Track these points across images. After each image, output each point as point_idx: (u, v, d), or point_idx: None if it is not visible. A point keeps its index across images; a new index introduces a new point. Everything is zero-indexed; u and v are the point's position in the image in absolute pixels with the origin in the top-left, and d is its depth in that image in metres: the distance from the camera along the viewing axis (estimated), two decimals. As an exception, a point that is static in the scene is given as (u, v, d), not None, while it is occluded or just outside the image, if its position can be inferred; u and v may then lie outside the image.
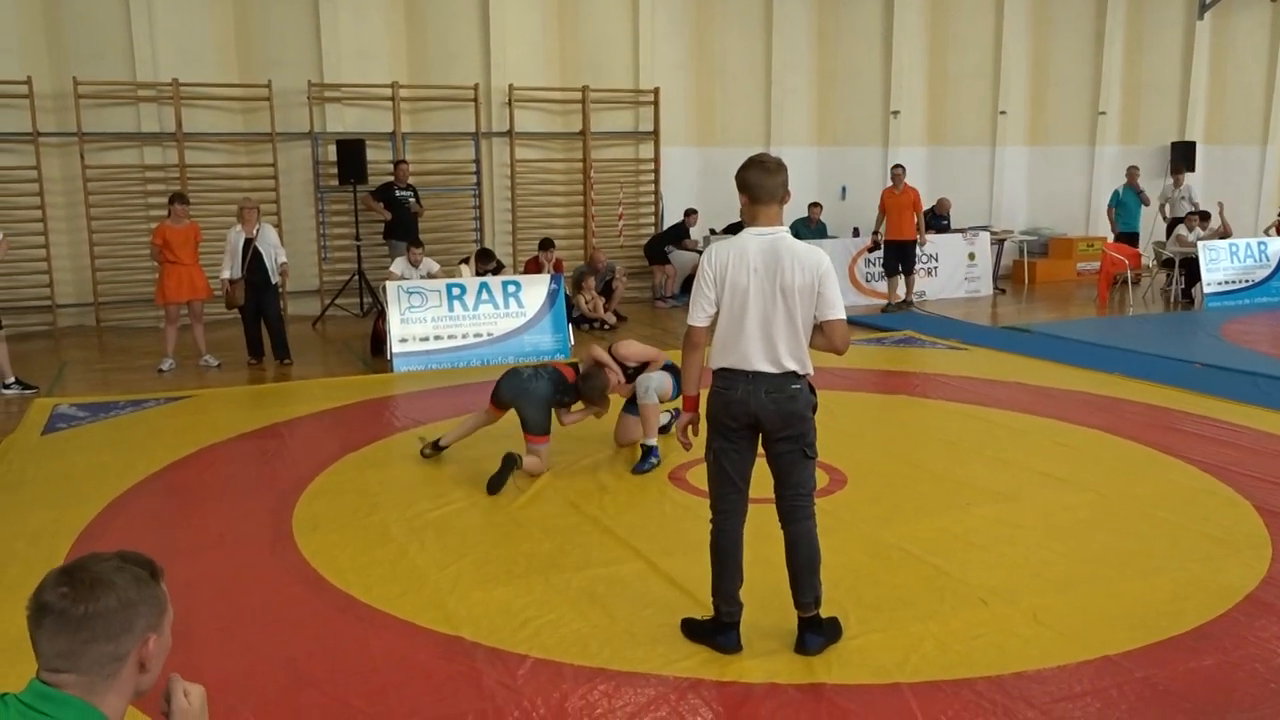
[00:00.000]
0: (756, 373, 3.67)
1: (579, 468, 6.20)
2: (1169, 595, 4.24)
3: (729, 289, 3.66)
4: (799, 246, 3.72)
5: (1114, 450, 6.49)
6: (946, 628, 3.94)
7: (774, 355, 3.66)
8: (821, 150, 15.79)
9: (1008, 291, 14.89)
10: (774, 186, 3.69)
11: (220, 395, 8.46)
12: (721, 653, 3.79)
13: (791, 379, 3.69)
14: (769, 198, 3.69)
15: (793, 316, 3.65)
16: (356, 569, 4.63)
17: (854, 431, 7.00)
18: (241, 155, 12.57)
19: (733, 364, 3.70)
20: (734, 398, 3.69)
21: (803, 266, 3.65)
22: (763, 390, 3.67)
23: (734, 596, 3.85)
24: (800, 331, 3.69)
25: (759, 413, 3.68)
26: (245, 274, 9.43)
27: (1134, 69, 17.53)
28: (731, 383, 3.70)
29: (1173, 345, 10.17)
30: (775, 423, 3.70)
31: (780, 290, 3.63)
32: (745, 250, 3.67)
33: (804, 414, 3.74)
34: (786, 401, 3.69)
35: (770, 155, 3.83)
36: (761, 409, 3.68)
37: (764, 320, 3.65)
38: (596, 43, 13.78)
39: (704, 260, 3.77)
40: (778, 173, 3.71)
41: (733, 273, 3.65)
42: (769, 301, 3.64)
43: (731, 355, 3.70)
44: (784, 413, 3.69)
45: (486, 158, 13.43)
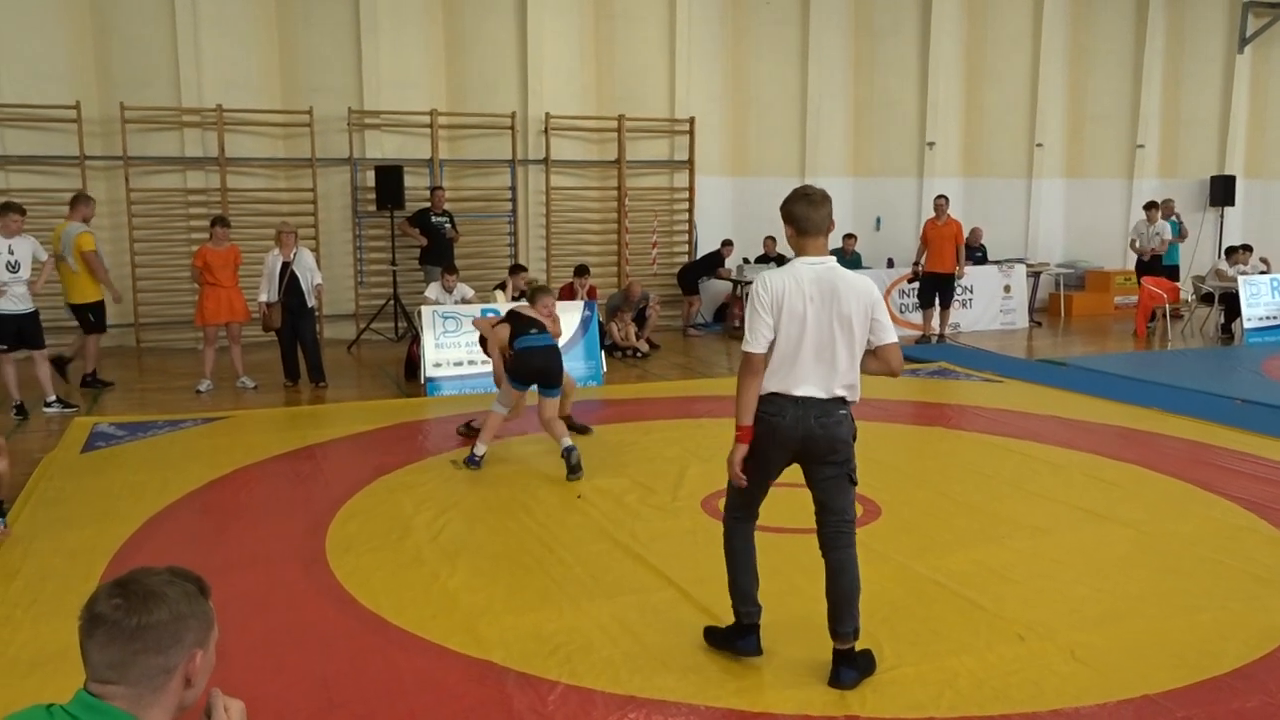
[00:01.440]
0: (807, 398, 3.71)
1: (610, 494, 6.19)
2: (1210, 634, 4.16)
3: (786, 316, 3.69)
4: (851, 275, 3.81)
5: (1153, 486, 6.39)
6: (982, 662, 3.88)
7: (828, 382, 3.72)
8: (856, 181, 15.78)
9: (1044, 324, 14.77)
10: (820, 219, 3.79)
11: (256, 417, 8.54)
12: (743, 655, 3.89)
13: (840, 404, 3.75)
14: (816, 230, 3.79)
15: (851, 344, 3.72)
16: (389, 591, 4.65)
17: (888, 463, 6.95)
18: (281, 180, 12.76)
19: (783, 389, 3.72)
20: (783, 423, 3.72)
21: (857, 295, 3.73)
22: (812, 416, 3.71)
23: (752, 597, 3.96)
24: (855, 359, 3.76)
25: (807, 438, 3.72)
26: (282, 297, 9.55)
27: (1173, 102, 17.41)
28: (781, 408, 3.72)
29: (1212, 380, 10.03)
30: (823, 448, 3.74)
31: (837, 318, 3.69)
32: (801, 279, 3.73)
33: (849, 439, 3.79)
34: (834, 426, 3.73)
35: (815, 187, 3.90)
36: (809, 434, 3.72)
37: (820, 347, 3.69)
38: (633, 72, 13.89)
39: (758, 287, 3.79)
40: (823, 205, 3.81)
41: (790, 300, 3.70)
42: (825, 330, 3.69)
43: (784, 381, 3.72)
44: (831, 437, 3.73)
45: (522, 185, 13.55)
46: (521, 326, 6.99)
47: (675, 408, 8.90)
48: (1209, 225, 17.27)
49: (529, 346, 6.87)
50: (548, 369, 6.85)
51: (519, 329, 6.98)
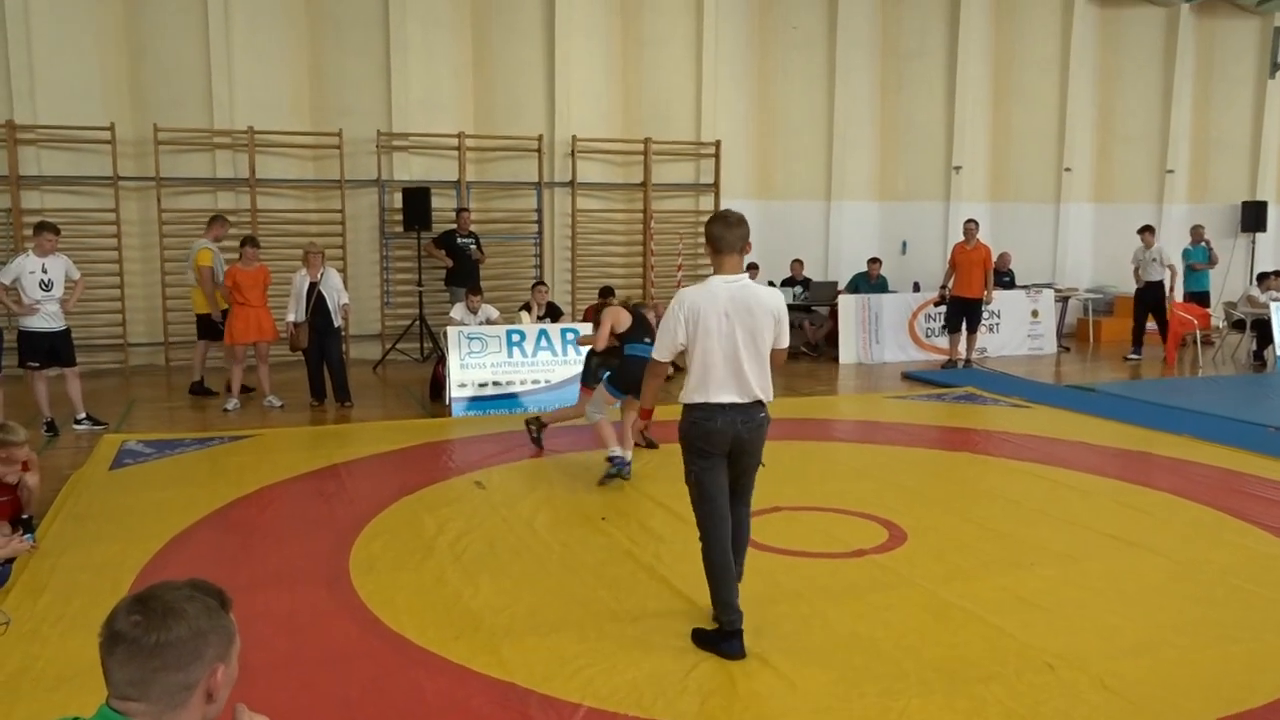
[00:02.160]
0: (732, 404, 4.15)
1: (634, 515, 6.17)
2: (1244, 666, 4.08)
3: (701, 330, 4.12)
4: (762, 291, 4.27)
5: (1184, 514, 6.30)
6: (1011, 691, 3.82)
7: (746, 388, 4.15)
8: (883, 205, 15.76)
9: (1072, 350, 14.64)
10: (734, 239, 4.18)
11: (282, 435, 8.59)
12: (727, 658, 4.09)
13: (760, 407, 4.21)
14: (729, 248, 4.18)
15: (760, 353, 4.17)
16: (411, 611, 4.64)
17: (915, 488, 6.89)
18: (310, 201, 12.89)
19: (710, 398, 4.15)
20: (714, 428, 4.15)
21: (767, 310, 4.18)
22: (738, 420, 4.16)
23: (733, 605, 4.19)
24: (765, 366, 4.20)
25: (736, 439, 4.17)
26: (309, 317, 9.62)
27: (1203, 126, 17.29)
28: (710, 414, 4.15)
29: (1244, 407, 9.89)
30: (749, 445, 4.22)
31: (750, 331, 4.12)
32: (717, 296, 4.14)
33: (764, 438, 4.29)
34: (756, 428, 4.22)
35: (734, 211, 4.31)
36: (738, 436, 4.17)
37: (733, 358, 4.12)
38: (659, 95, 13.96)
39: (675, 303, 4.23)
40: (738, 226, 4.21)
41: (704, 317, 4.12)
42: (737, 342, 4.11)
43: (709, 391, 4.16)
44: (755, 437, 4.23)
45: (548, 207, 13.62)
46: (637, 331, 6.80)
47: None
48: (1240, 251, 17.08)
49: (638, 355, 6.66)
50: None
51: (634, 333, 6.81)
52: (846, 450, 8.05)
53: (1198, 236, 14.61)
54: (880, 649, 4.22)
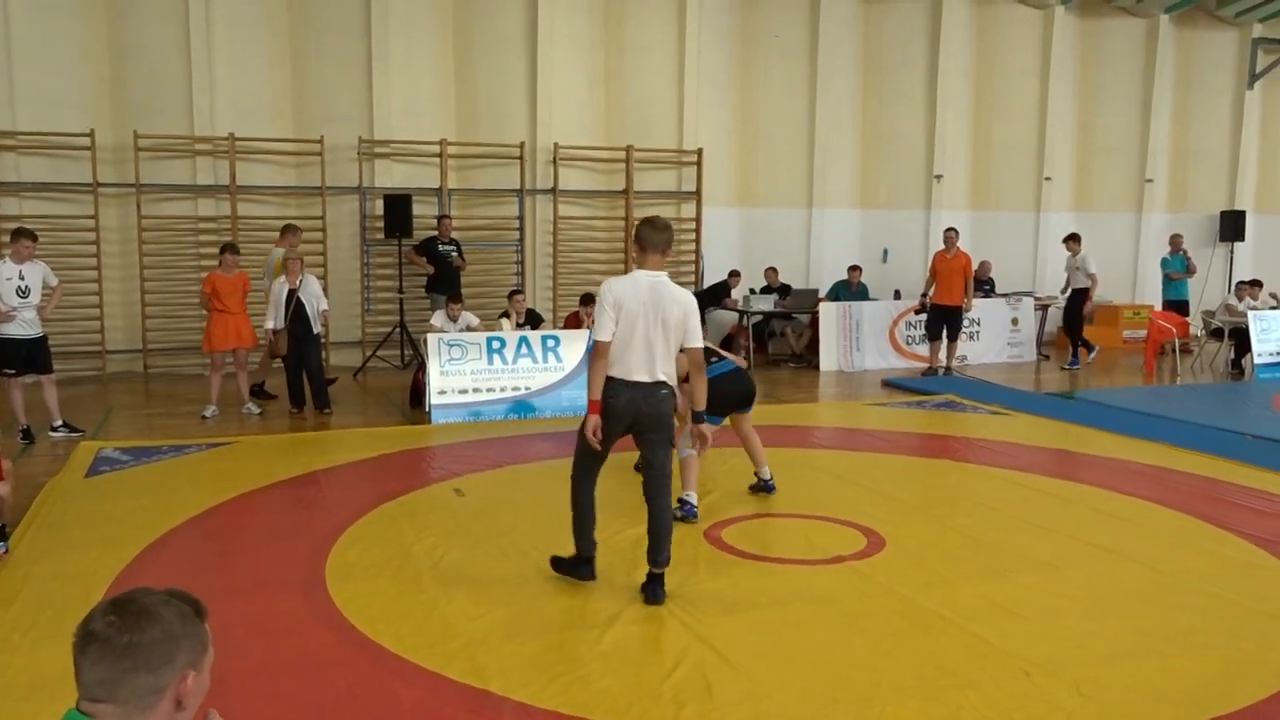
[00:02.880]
0: (637, 382, 4.71)
1: (612, 524, 6.15)
2: (1221, 673, 4.10)
3: (624, 314, 4.68)
4: (675, 288, 4.82)
5: (1162, 521, 6.33)
6: (987, 698, 3.82)
7: (651, 369, 4.72)
8: (864, 213, 15.83)
9: (1051, 358, 14.72)
10: (659, 240, 4.83)
11: (260, 443, 8.53)
12: (580, 580, 4.98)
13: (661, 386, 4.76)
14: (654, 248, 4.82)
15: (667, 340, 4.74)
16: (388, 619, 4.61)
17: (894, 495, 6.90)
18: (292, 208, 12.83)
19: (619, 375, 4.72)
20: (619, 402, 4.72)
21: (677, 304, 4.76)
22: (641, 396, 4.72)
23: (589, 536, 5.03)
24: (671, 353, 4.78)
25: (637, 413, 4.74)
26: (288, 324, 9.57)
27: (1182, 137, 17.44)
28: (617, 390, 4.71)
29: (1222, 416, 9.95)
30: (649, 421, 4.78)
31: (662, 321, 4.69)
32: (639, 286, 4.74)
33: (669, 413, 4.81)
34: (658, 404, 4.77)
35: (661, 218, 4.96)
36: (639, 410, 4.74)
37: (646, 342, 4.70)
38: (641, 103, 13.98)
39: (605, 289, 4.76)
40: (664, 231, 4.87)
41: (628, 302, 4.69)
42: (649, 328, 4.68)
43: (619, 367, 4.71)
44: (655, 413, 4.77)
45: (530, 214, 13.61)
46: (705, 354, 6.69)
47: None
48: (1219, 260, 17.24)
49: (716, 377, 6.40)
50: (744, 393, 6.65)
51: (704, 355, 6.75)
52: (826, 457, 8.06)
53: (1176, 246, 14.73)
54: (857, 656, 4.22)
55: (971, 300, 12.81)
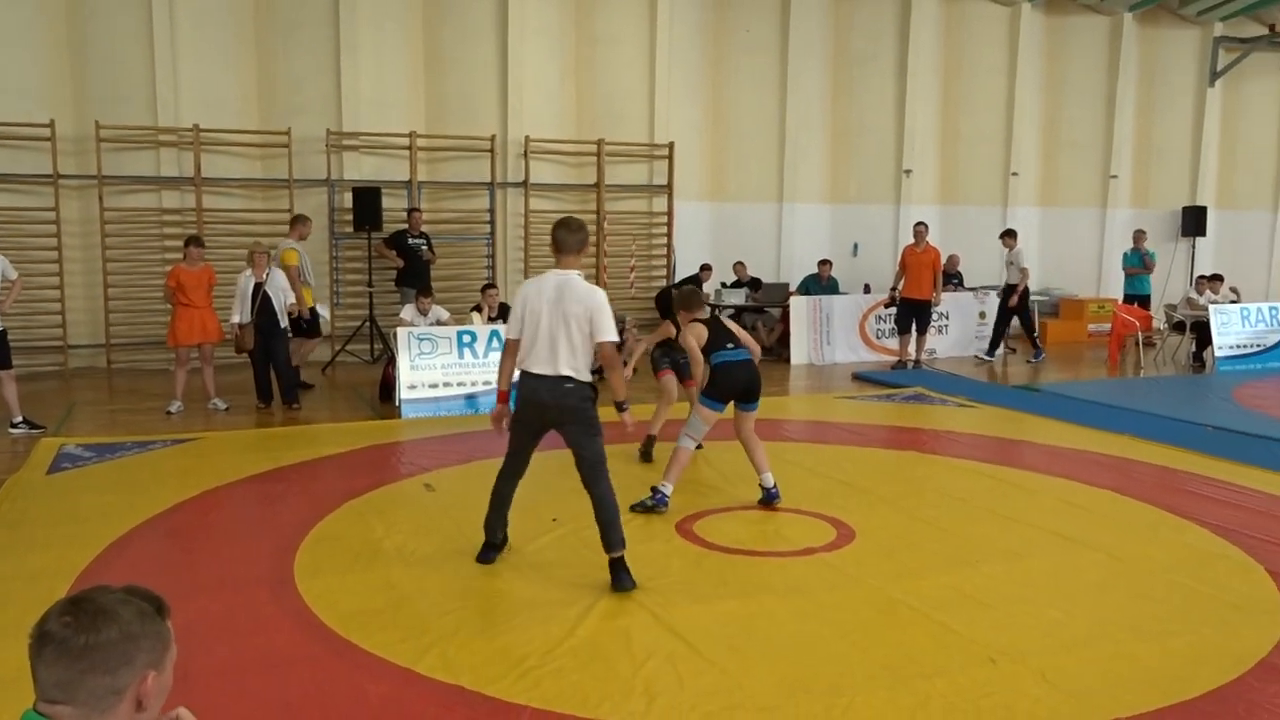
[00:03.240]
0: (540, 375, 4.92)
1: (584, 517, 6.14)
2: (1181, 659, 4.16)
3: (529, 313, 4.93)
4: (580, 285, 4.96)
5: (1125, 511, 6.41)
6: (954, 686, 3.86)
7: (554, 363, 4.89)
8: (834, 208, 15.90)
9: (1018, 351, 14.86)
10: (572, 242, 5.03)
11: (227, 438, 8.45)
12: (483, 564, 5.22)
13: (566, 380, 4.91)
14: (566, 249, 5.02)
15: (570, 335, 4.88)
16: (357, 615, 4.58)
17: (863, 487, 6.94)
18: (258, 201, 12.71)
19: (526, 368, 4.98)
20: (526, 394, 5.02)
21: (579, 300, 4.90)
22: (545, 389, 4.93)
23: (497, 528, 5.32)
24: (576, 347, 4.91)
25: (543, 405, 4.97)
26: (254, 318, 9.48)
27: (1145, 133, 17.66)
28: (524, 383, 5.00)
29: (1184, 408, 10.10)
30: (556, 413, 4.98)
31: (564, 317, 4.87)
32: (545, 286, 4.98)
33: (578, 405, 4.94)
34: (562, 397, 4.92)
35: (575, 219, 5.18)
36: (544, 403, 4.97)
37: (550, 337, 4.89)
38: (612, 97, 13.96)
39: (519, 290, 5.06)
40: (578, 232, 5.07)
41: (533, 301, 4.94)
42: (553, 324, 4.88)
43: (526, 362, 4.97)
44: (561, 405, 4.94)
45: (501, 207, 13.56)
46: (719, 339, 6.47)
47: (651, 431, 8.85)
48: (1181, 255, 17.47)
49: (729, 361, 6.36)
50: (750, 383, 6.41)
51: (715, 341, 6.46)
52: (797, 450, 8.09)
53: (1136, 241, 14.86)
54: (827, 647, 4.25)
55: (940, 294, 12.91)
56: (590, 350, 4.96)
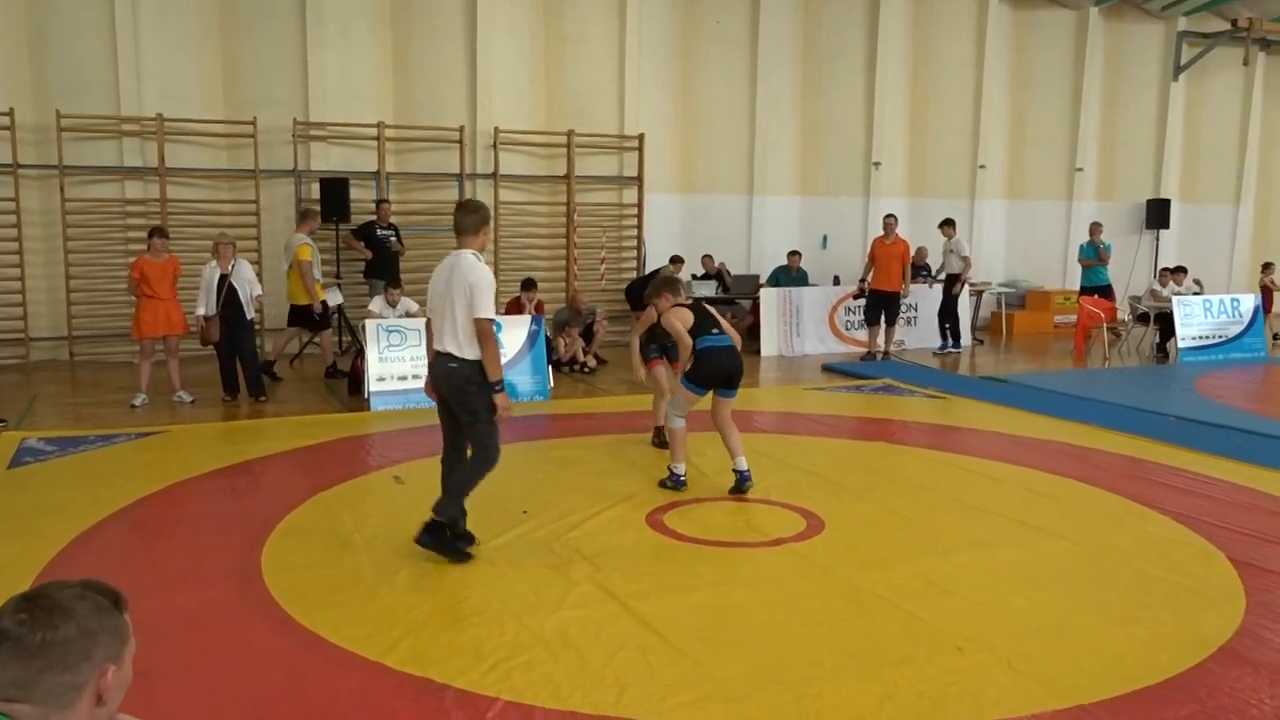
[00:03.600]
0: (437, 351, 5.17)
1: (555, 508, 6.15)
2: (1144, 645, 4.22)
3: (431, 293, 5.24)
4: (464, 263, 5.10)
5: (1090, 500, 6.49)
6: (921, 674, 3.90)
7: (442, 339, 5.13)
8: (804, 200, 15.95)
9: (985, 342, 15.00)
10: (467, 224, 5.17)
11: (192, 431, 8.37)
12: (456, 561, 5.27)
13: (450, 359, 5.07)
14: (463, 231, 5.19)
15: (454, 312, 5.06)
16: (325, 608, 4.55)
17: (832, 478, 6.98)
18: (224, 191, 12.57)
19: (434, 345, 5.21)
20: (430, 370, 5.28)
21: (461, 278, 5.04)
22: (436, 365, 5.18)
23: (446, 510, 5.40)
24: (459, 324, 5.05)
25: (436, 379, 5.20)
26: (220, 310, 9.39)
27: (1110, 127, 17.84)
28: (432, 358, 5.25)
29: (1147, 398, 10.24)
30: (445, 390, 5.18)
31: (450, 295, 5.06)
32: (442, 267, 5.22)
33: (460, 385, 5.09)
34: (447, 374, 5.12)
35: (473, 201, 5.50)
36: (437, 377, 5.20)
37: (440, 316, 5.14)
38: (582, 88, 13.92)
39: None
40: (472, 214, 5.21)
41: (433, 282, 5.24)
42: (443, 302, 5.10)
43: (434, 340, 5.21)
44: (447, 383, 5.14)
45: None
46: (704, 324, 6.52)
47: (622, 423, 8.88)
48: (1145, 247, 17.69)
49: (714, 347, 6.45)
50: (733, 369, 6.50)
51: (701, 326, 6.50)
52: (767, 441, 8.12)
53: (1092, 234, 14.95)
54: (797, 636, 4.27)
55: (909, 286, 12.99)
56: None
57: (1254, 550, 5.45)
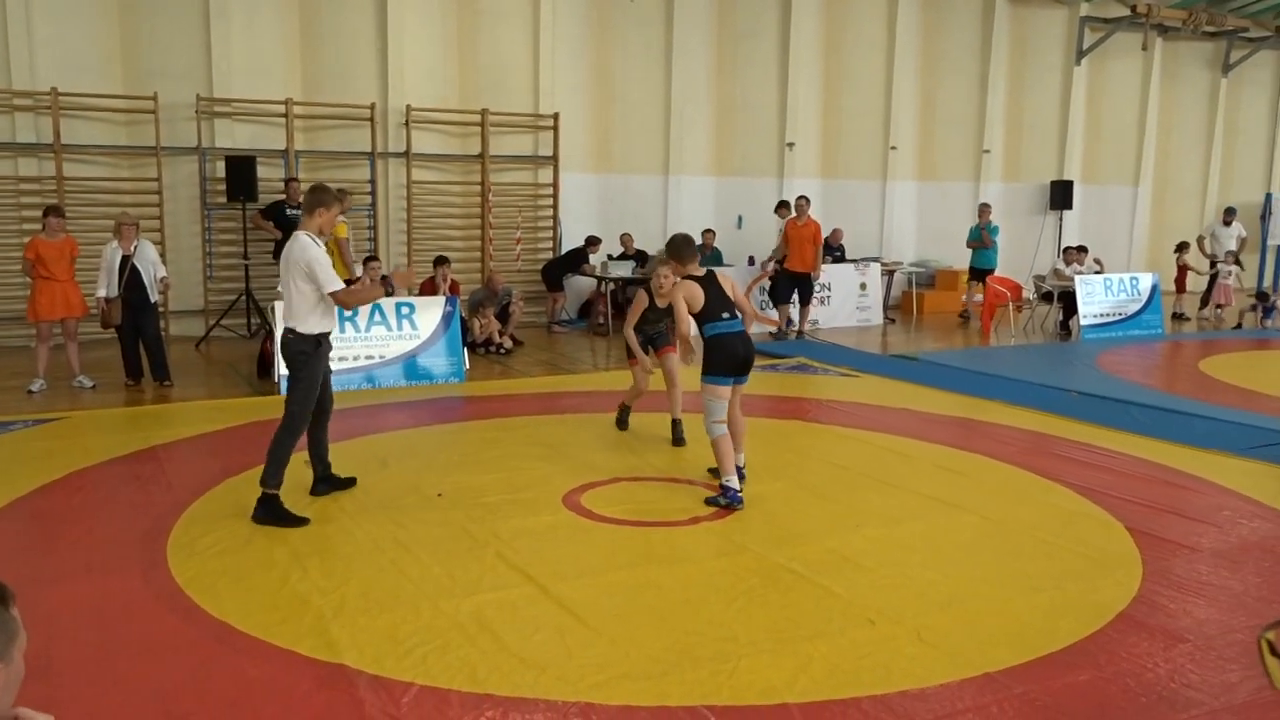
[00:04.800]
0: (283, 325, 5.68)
1: (471, 491, 6.10)
2: (1047, 613, 4.37)
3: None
4: (296, 243, 5.48)
5: (996, 474, 6.68)
6: (835, 648, 3.97)
7: (285, 314, 5.63)
8: (719, 180, 16.01)
9: (897, 321, 15.29)
10: (307, 204, 5.59)
11: (94, 417, 8.08)
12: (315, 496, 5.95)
13: (288, 331, 5.59)
14: (304, 211, 5.62)
15: (290, 290, 5.53)
16: (235, 596, 4.45)
17: (748, 457, 7.03)
18: (124, 169, 12.12)
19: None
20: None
21: (295, 255, 5.47)
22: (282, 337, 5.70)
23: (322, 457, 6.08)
24: (292, 301, 5.53)
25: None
26: (122, 292, 9.07)
27: (1016, 110, 18.26)
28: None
29: (1051, 374, 10.55)
30: (284, 358, 5.72)
31: (288, 273, 5.50)
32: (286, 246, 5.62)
33: (293, 356, 5.59)
34: (284, 345, 5.65)
35: (319, 184, 5.77)
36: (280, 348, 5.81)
37: (283, 293, 5.65)
38: (496, 66, 13.74)
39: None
40: (313, 195, 5.58)
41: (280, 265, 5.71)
42: (284, 281, 5.57)
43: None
44: (285, 353, 5.67)
45: (382, 178, 13.24)
46: (716, 306, 5.83)
47: (539, 404, 8.85)
48: (1049, 227, 18.20)
49: (726, 334, 5.83)
50: (749, 358, 5.98)
51: (711, 308, 5.82)
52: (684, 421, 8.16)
53: (980, 215, 15.15)
54: (713, 613, 4.31)
55: (820, 266, 13.15)
56: (313, 302, 5.49)
57: (1150, 520, 5.67)
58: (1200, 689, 3.69)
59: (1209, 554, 5.16)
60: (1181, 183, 20.00)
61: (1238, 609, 4.46)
